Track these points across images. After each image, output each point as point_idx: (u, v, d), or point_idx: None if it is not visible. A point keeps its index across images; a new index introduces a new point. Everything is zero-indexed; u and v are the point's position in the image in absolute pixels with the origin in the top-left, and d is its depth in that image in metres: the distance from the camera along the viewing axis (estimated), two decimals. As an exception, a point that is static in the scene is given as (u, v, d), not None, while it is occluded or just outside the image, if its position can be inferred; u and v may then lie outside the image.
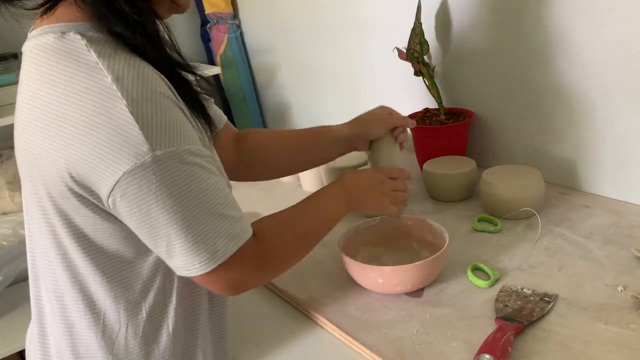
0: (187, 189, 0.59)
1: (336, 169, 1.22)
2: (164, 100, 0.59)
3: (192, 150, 0.60)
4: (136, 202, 0.58)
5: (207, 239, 0.61)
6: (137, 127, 0.56)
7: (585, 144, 1.11)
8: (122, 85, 0.57)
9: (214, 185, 0.62)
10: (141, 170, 0.57)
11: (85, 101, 0.57)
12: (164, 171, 0.58)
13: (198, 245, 0.61)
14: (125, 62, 0.59)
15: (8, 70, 1.73)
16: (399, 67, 1.40)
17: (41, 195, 0.65)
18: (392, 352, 0.75)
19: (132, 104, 0.57)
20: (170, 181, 0.58)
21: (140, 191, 0.58)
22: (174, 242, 0.61)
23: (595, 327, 0.75)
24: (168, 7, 0.67)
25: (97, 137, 0.57)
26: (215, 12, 2.03)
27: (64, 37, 0.61)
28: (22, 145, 0.65)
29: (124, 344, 0.68)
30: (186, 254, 0.61)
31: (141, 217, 0.60)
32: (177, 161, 0.58)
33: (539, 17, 1.11)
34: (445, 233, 0.90)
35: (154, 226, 0.60)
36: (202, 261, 0.62)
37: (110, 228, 0.64)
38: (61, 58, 0.60)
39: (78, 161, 0.58)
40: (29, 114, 0.62)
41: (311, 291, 0.91)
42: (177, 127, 0.59)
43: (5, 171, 1.65)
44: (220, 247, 0.62)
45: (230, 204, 0.65)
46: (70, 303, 0.68)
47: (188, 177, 0.59)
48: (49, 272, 0.69)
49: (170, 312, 0.70)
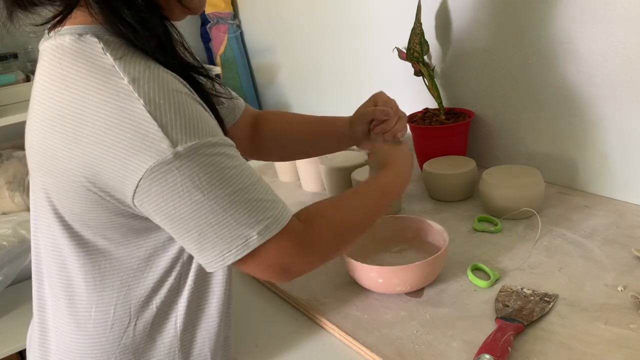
0: (214, 179, 0.59)
1: (336, 169, 1.22)
2: (181, 96, 0.60)
3: (214, 141, 0.60)
4: (162, 199, 0.59)
5: (241, 224, 0.61)
6: (156, 125, 0.56)
7: (585, 144, 1.11)
8: (138, 86, 0.57)
9: (242, 172, 0.62)
10: (165, 166, 0.57)
11: (102, 103, 0.57)
12: (188, 166, 0.58)
13: (231, 233, 0.60)
14: (141, 65, 0.60)
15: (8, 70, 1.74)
16: (399, 67, 1.40)
17: (52, 194, 0.65)
18: (392, 352, 0.75)
19: (149, 103, 0.57)
20: (195, 174, 0.58)
21: (165, 188, 0.58)
22: (206, 234, 0.60)
23: (595, 327, 0.75)
24: (181, 10, 0.68)
25: (116, 138, 0.57)
26: (215, 12, 2.03)
27: (81, 39, 0.61)
28: (34, 144, 0.65)
29: (131, 338, 0.69)
30: (220, 242, 0.61)
31: (167, 214, 0.60)
32: (200, 154, 0.58)
33: (539, 17, 1.11)
34: (445, 233, 0.90)
35: (183, 221, 0.60)
36: (238, 246, 0.61)
37: (126, 227, 0.65)
38: (77, 60, 0.60)
39: (97, 163, 0.58)
40: (42, 113, 0.62)
41: (311, 291, 0.91)
42: (196, 121, 0.59)
43: (5, 171, 1.65)
44: (257, 231, 0.61)
45: (262, 188, 0.64)
46: (81, 300, 0.69)
47: (213, 167, 0.59)
48: (59, 270, 0.69)
49: (180, 309, 0.70)
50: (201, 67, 0.69)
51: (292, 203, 1.29)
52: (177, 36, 0.66)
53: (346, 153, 1.29)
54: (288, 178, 1.42)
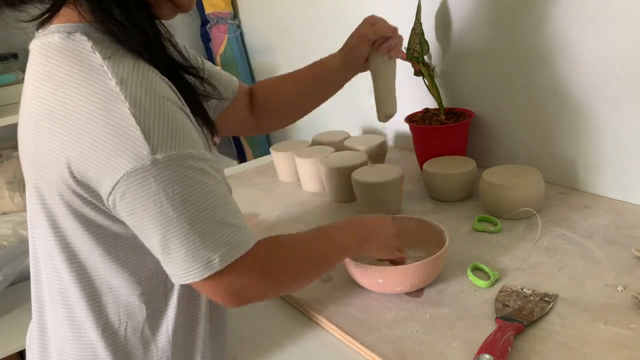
0: (187, 193, 0.59)
1: (336, 169, 1.22)
2: (168, 104, 0.59)
3: (194, 154, 0.60)
4: (135, 205, 0.58)
5: (206, 245, 0.60)
6: (139, 129, 0.56)
7: (585, 144, 1.11)
8: (126, 88, 0.57)
9: (215, 191, 0.61)
10: (141, 173, 0.57)
11: (88, 103, 0.57)
12: (164, 175, 0.57)
13: (196, 252, 0.60)
14: (130, 65, 0.59)
15: (8, 70, 1.74)
16: (399, 67, 1.40)
17: (44, 193, 0.65)
18: (392, 352, 0.75)
19: (135, 106, 0.57)
20: (169, 186, 0.58)
21: (139, 194, 0.58)
22: (172, 247, 0.60)
23: (595, 327, 0.75)
24: (171, 9, 0.67)
25: (99, 138, 0.57)
26: (215, 12, 2.03)
27: (70, 37, 0.61)
28: (25, 144, 0.65)
29: (123, 342, 0.68)
30: (184, 260, 0.60)
31: (139, 220, 0.60)
32: (178, 165, 0.58)
33: (539, 17, 1.11)
34: (445, 233, 0.90)
35: (152, 230, 0.60)
36: (200, 267, 0.61)
37: (111, 229, 0.64)
38: (66, 58, 0.60)
39: (79, 161, 0.58)
40: (32, 112, 0.62)
41: (311, 291, 0.91)
42: (179, 131, 0.59)
43: (5, 171, 1.65)
44: (219, 254, 0.61)
45: (232, 211, 0.63)
46: (74, 300, 0.68)
47: (188, 181, 0.59)
48: (52, 270, 0.69)
49: (170, 313, 0.70)
50: (190, 67, 0.68)
51: (292, 203, 1.29)
52: (166, 35, 0.66)
53: (346, 153, 1.29)
54: (288, 178, 1.42)
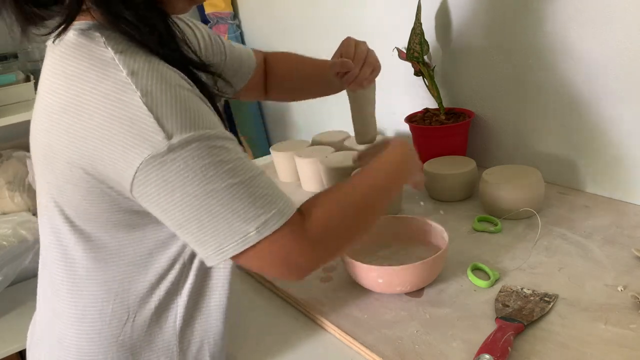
0: (210, 172, 0.59)
1: (336, 169, 1.22)
2: (179, 90, 0.60)
3: (210, 134, 0.60)
4: (158, 192, 0.59)
5: (238, 219, 0.60)
6: (152, 117, 0.57)
7: (585, 144, 1.11)
8: (137, 79, 0.58)
9: (241, 165, 0.61)
10: (158, 158, 0.57)
11: (100, 95, 0.58)
12: (182, 158, 0.57)
13: (230, 227, 0.60)
14: (141, 59, 0.60)
15: (8, 70, 1.74)
16: (399, 67, 1.40)
17: (54, 188, 0.65)
18: (392, 352, 0.75)
19: (146, 95, 0.57)
20: (189, 167, 0.58)
21: (160, 181, 0.58)
22: (202, 226, 0.60)
23: (595, 327, 0.75)
24: (185, 2, 0.68)
25: (114, 130, 0.57)
26: (215, 12, 2.03)
27: (83, 33, 0.62)
28: (38, 138, 0.66)
29: (129, 335, 0.69)
30: (215, 236, 0.60)
31: (165, 206, 0.60)
32: (196, 147, 0.58)
33: (539, 17, 1.11)
34: (445, 233, 0.90)
35: (178, 213, 0.60)
36: (237, 240, 0.60)
37: (125, 223, 0.65)
38: (78, 53, 0.61)
39: (96, 155, 0.59)
40: (46, 106, 0.63)
41: (311, 291, 0.91)
42: (193, 113, 0.59)
43: (5, 171, 1.65)
44: (255, 226, 0.60)
45: (263, 182, 0.63)
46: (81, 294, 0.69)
47: (210, 160, 0.59)
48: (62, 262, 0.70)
49: (179, 306, 0.71)
50: (203, 64, 0.68)
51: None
52: (179, 33, 0.66)
53: (346, 153, 1.29)
54: (288, 178, 1.42)
